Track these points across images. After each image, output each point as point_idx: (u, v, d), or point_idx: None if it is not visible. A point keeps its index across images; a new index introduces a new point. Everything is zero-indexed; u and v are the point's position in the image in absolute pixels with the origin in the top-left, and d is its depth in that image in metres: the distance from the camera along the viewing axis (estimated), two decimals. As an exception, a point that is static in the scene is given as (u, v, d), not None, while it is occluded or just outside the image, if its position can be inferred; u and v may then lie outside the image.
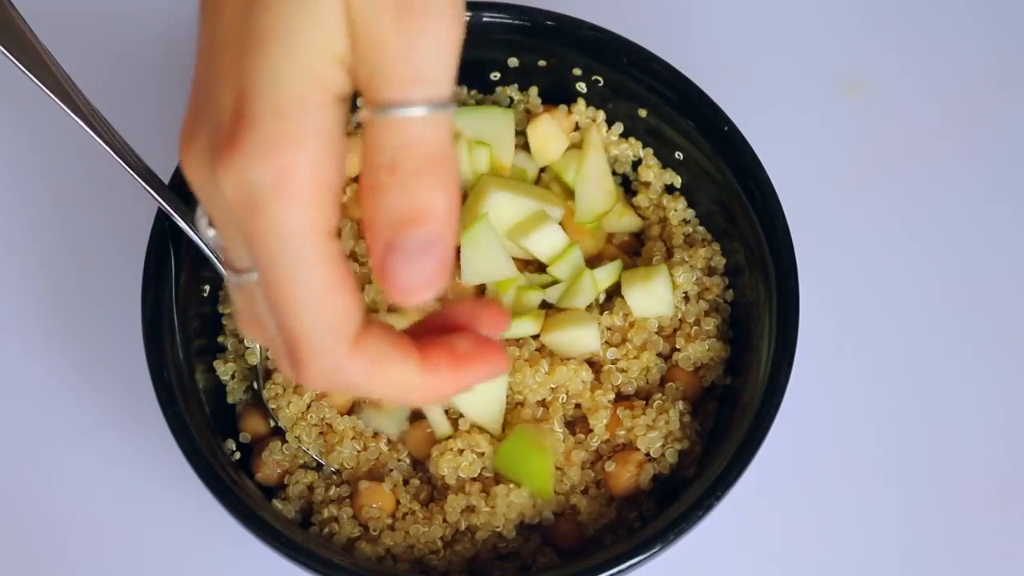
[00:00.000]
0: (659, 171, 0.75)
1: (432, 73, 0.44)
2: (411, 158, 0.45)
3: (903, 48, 0.84)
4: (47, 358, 0.78)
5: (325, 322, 0.46)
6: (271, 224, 0.44)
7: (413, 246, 0.45)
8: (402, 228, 0.45)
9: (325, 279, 0.45)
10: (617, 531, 0.69)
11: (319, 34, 0.44)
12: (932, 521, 0.75)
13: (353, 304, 0.46)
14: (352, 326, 0.47)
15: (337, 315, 0.46)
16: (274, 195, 0.44)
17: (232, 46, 0.45)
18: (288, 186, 0.44)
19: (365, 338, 0.47)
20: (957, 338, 0.78)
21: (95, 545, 0.75)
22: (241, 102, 0.44)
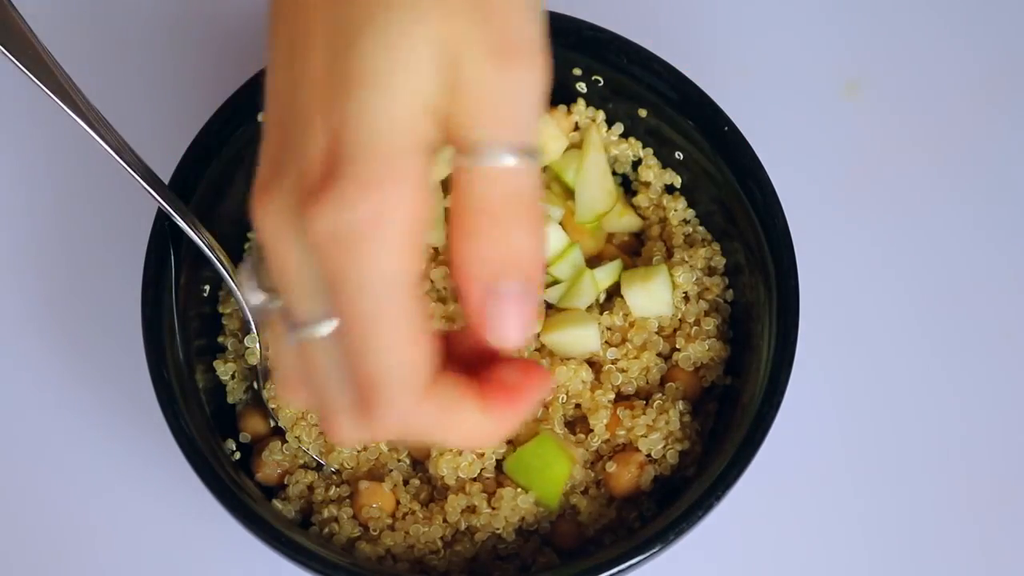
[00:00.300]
0: (659, 171, 0.75)
1: (526, 120, 0.45)
2: (509, 207, 0.45)
3: (903, 48, 0.84)
4: (47, 358, 0.78)
5: (405, 369, 0.46)
6: (365, 263, 0.44)
7: (512, 293, 0.46)
8: (503, 276, 0.46)
9: (410, 325, 0.46)
10: (617, 531, 0.69)
11: (416, 79, 0.44)
12: (932, 520, 0.75)
13: (431, 352, 0.47)
14: (428, 374, 0.47)
15: (416, 363, 0.46)
16: (371, 233, 0.44)
17: (322, 90, 0.45)
18: (385, 226, 0.44)
19: (436, 386, 0.47)
20: (957, 337, 0.78)
21: (95, 546, 0.75)
22: (336, 143, 0.44)
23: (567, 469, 0.68)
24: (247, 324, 0.71)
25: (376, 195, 0.44)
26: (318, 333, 0.47)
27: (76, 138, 0.68)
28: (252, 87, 0.71)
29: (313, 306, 0.47)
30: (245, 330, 0.72)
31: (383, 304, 0.45)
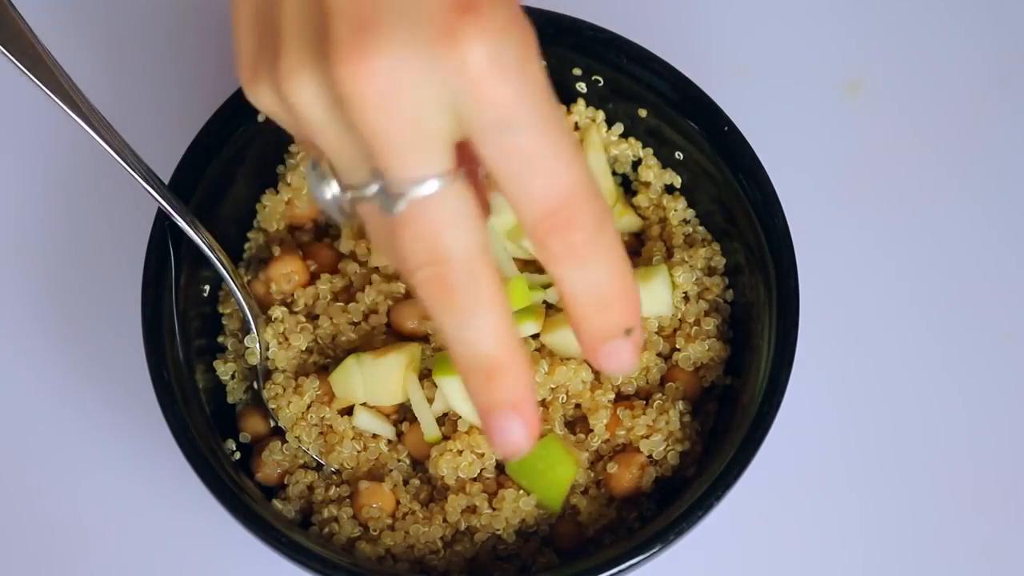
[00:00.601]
0: (659, 171, 0.75)
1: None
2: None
3: (903, 48, 0.84)
4: (47, 358, 0.78)
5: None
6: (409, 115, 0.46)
7: (625, 343, 0.51)
8: (612, 334, 0.51)
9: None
10: (617, 531, 0.69)
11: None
12: (933, 520, 0.75)
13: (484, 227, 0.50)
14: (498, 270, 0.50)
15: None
16: (424, 87, 0.46)
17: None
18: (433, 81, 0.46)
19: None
20: (958, 337, 0.78)
21: (94, 545, 0.75)
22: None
23: (572, 472, 0.68)
24: (247, 324, 0.71)
25: (425, 49, 0.45)
26: (367, 194, 0.49)
27: (76, 138, 0.68)
28: (252, 87, 0.71)
29: (359, 165, 0.49)
30: (245, 330, 0.72)
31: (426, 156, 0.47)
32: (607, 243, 0.49)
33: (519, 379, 0.50)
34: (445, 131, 0.47)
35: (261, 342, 0.71)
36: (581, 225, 0.48)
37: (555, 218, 0.48)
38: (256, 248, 0.75)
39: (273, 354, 0.71)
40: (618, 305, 0.50)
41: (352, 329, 0.72)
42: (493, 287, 0.49)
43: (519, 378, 0.50)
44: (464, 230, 0.48)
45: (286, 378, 0.71)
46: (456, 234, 0.48)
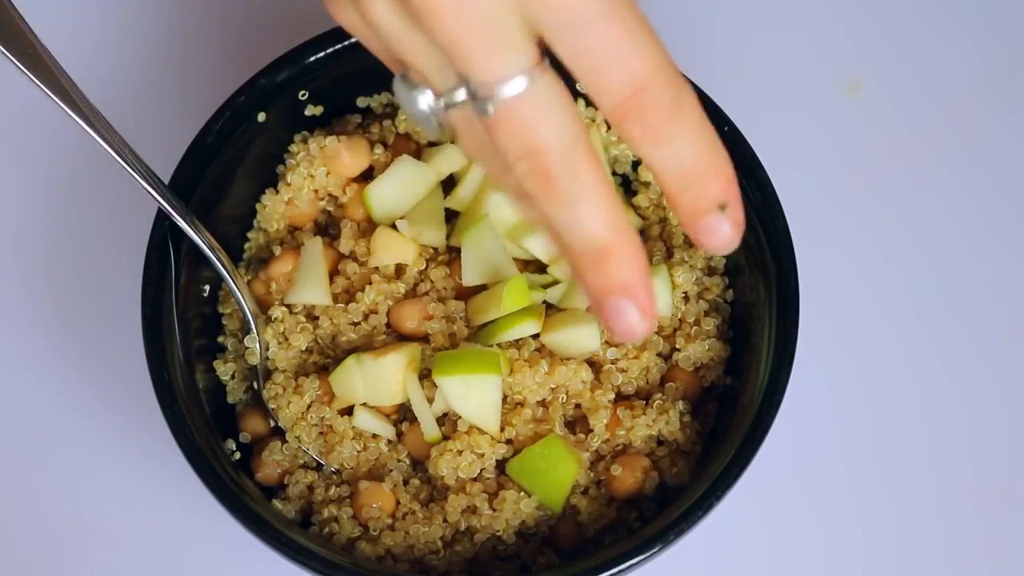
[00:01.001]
0: (659, 171, 0.75)
1: None
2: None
3: (903, 48, 0.84)
4: (47, 358, 0.78)
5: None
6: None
7: (720, 219, 0.51)
8: (710, 208, 0.51)
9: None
10: (617, 531, 0.69)
11: None
12: (932, 520, 0.75)
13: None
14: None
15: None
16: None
17: None
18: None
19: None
20: (957, 337, 0.78)
21: (94, 545, 0.75)
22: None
23: (574, 471, 0.68)
24: (247, 324, 0.71)
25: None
26: (457, 99, 0.50)
27: (76, 138, 0.68)
28: (252, 87, 0.71)
29: (445, 73, 0.50)
30: (245, 330, 0.72)
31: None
32: (688, 119, 0.50)
33: (632, 261, 0.50)
34: (520, 28, 0.48)
35: (261, 342, 0.71)
36: (656, 107, 0.49)
37: (630, 103, 0.49)
38: (256, 248, 0.75)
39: (273, 354, 0.71)
40: (707, 179, 0.50)
41: (352, 329, 0.72)
42: (595, 172, 0.49)
43: (632, 260, 0.50)
44: (558, 119, 0.49)
45: (286, 378, 0.71)
46: (550, 125, 0.49)
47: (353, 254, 0.73)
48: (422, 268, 0.72)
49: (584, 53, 0.48)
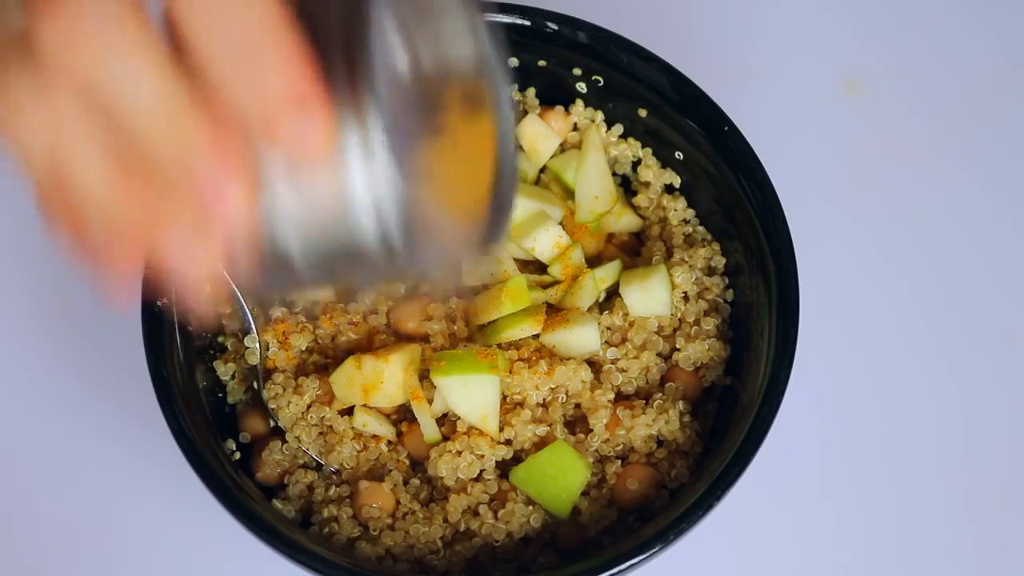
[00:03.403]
0: (659, 171, 0.75)
1: None
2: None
3: (903, 48, 0.84)
4: (47, 358, 0.78)
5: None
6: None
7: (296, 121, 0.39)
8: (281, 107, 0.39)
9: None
10: (617, 532, 0.69)
11: None
12: (932, 520, 0.75)
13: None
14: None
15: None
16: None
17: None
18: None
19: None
20: (957, 337, 0.78)
21: (94, 545, 0.75)
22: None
23: (583, 476, 0.68)
24: (247, 324, 0.71)
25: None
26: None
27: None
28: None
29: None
30: (245, 330, 0.72)
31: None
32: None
33: (205, 129, 0.39)
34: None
35: (261, 342, 0.71)
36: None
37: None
38: (256, 248, 0.75)
39: (273, 354, 0.71)
40: (272, 65, 0.38)
41: (352, 329, 0.72)
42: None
43: (204, 128, 0.39)
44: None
45: (286, 378, 0.71)
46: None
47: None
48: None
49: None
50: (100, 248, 0.41)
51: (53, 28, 0.37)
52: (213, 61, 0.37)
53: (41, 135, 0.39)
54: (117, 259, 0.41)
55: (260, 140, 0.39)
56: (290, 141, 0.38)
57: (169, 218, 0.39)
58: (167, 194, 0.38)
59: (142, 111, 0.38)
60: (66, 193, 0.40)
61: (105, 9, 0.37)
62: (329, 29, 0.40)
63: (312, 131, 0.38)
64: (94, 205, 0.40)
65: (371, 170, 0.40)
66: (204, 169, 0.38)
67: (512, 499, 0.69)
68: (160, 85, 0.37)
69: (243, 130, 0.38)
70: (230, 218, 0.39)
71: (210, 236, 0.39)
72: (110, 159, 0.39)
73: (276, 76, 0.37)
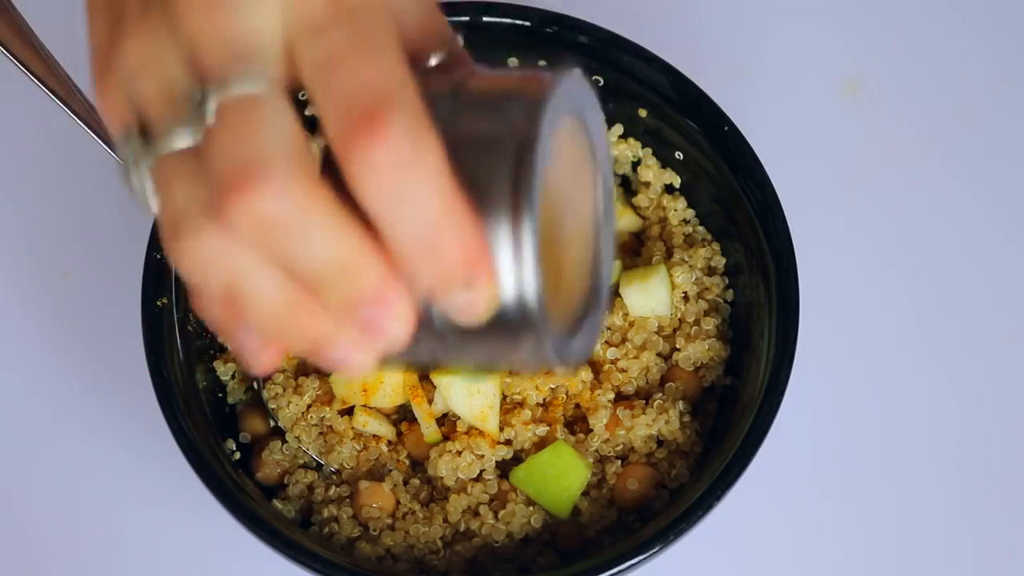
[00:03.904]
0: (659, 171, 0.75)
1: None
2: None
3: (903, 48, 0.84)
4: (47, 358, 0.78)
5: (294, 141, 0.42)
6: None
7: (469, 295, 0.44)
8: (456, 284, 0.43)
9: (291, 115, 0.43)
10: (617, 532, 0.69)
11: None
12: (932, 521, 0.75)
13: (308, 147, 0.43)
14: (314, 160, 0.43)
15: (304, 141, 0.43)
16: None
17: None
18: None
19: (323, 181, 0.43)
20: (957, 337, 0.78)
21: (94, 545, 0.75)
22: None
23: (583, 477, 0.68)
24: (247, 324, 0.71)
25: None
26: (178, 143, 0.43)
27: (76, 138, 0.68)
28: (252, 87, 0.71)
29: (173, 111, 0.43)
30: (245, 330, 0.72)
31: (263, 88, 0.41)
32: (427, 165, 0.41)
33: (374, 273, 0.42)
34: (271, 35, 0.42)
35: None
36: (389, 138, 0.40)
37: (358, 124, 0.40)
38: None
39: (273, 354, 0.71)
40: (446, 247, 0.41)
41: (352, 329, 0.72)
42: (322, 195, 0.41)
43: (374, 272, 0.42)
44: (284, 129, 0.42)
45: (286, 378, 0.71)
46: (277, 130, 0.41)
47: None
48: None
49: (316, 55, 0.41)
50: (256, 345, 0.45)
51: (245, 208, 0.41)
52: (395, 235, 0.41)
53: (218, 251, 0.42)
54: (270, 353, 0.45)
55: (430, 298, 0.43)
56: (458, 305, 0.43)
57: (340, 316, 0.43)
58: (338, 296, 0.42)
59: (321, 265, 0.42)
60: (238, 298, 0.43)
61: (294, 191, 0.41)
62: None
63: (479, 299, 0.43)
64: (261, 324, 0.44)
65: (519, 277, 0.43)
66: (374, 273, 0.42)
67: (512, 499, 0.69)
68: (340, 249, 0.42)
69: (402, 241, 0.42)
70: (396, 308, 0.43)
71: (377, 326, 0.43)
72: (283, 270, 0.42)
73: (451, 253, 0.41)
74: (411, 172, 0.40)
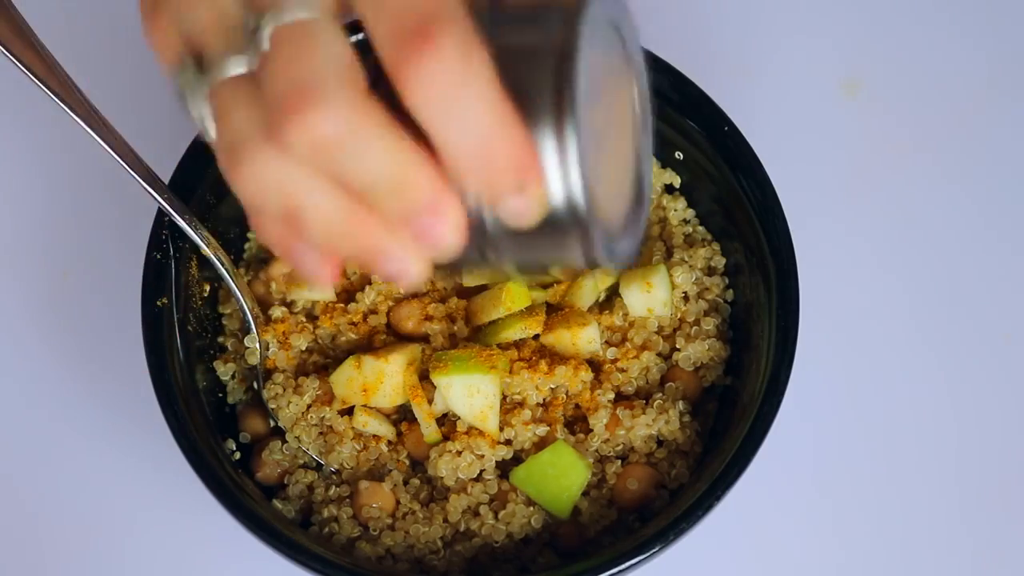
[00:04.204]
0: (659, 171, 0.75)
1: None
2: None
3: (902, 48, 0.84)
4: (47, 358, 0.78)
5: (344, 62, 0.44)
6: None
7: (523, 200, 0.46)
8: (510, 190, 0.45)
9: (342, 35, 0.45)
10: (617, 532, 0.69)
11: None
12: (931, 520, 0.75)
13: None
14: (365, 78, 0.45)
15: (355, 62, 0.45)
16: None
17: None
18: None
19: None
20: (957, 338, 0.78)
21: (95, 545, 0.75)
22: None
23: (583, 477, 0.68)
24: (247, 324, 0.71)
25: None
26: (233, 70, 0.46)
27: (76, 138, 0.68)
28: (252, 87, 0.71)
29: (228, 40, 0.46)
30: (245, 330, 0.72)
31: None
32: (478, 78, 0.43)
33: (426, 184, 0.44)
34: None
35: (261, 342, 0.71)
36: (441, 52, 0.42)
37: (411, 40, 0.42)
38: (256, 248, 0.75)
39: (273, 354, 0.71)
40: (498, 155, 0.44)
41: (352, 329, 0.72)
42: (376, 114, 0.44)
43: (426, 182, 0.44)
44: (337, 51, 0.43)
45: (286, 378, 0.71)
46: (329, 54, 0.43)
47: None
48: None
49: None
50: (315, 260, 0.47)
51: (302, 128, 0.43)
52: (448, 145, 0.43)
53: (276, 173, 0.45)
54: (329, 266, 0.47)
55: (482, 204, 0.45)
56: (511, 209, 0.45)
57: (390, 249, 0.45)
58: (392, 208, 0.44)
59: (375, 178, 0.44)
60: (296, 217, 0.45)
61: (348, 109, 0.43)
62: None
63: (531, 202, 0.45)
64: (323, 225, 0.45)
65: (566, 179, 0.45)
66: (425, 183, 0.44)
67: (512, 499, 0.69)
68: (393, 162, 0.44)
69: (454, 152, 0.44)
70: (448, 216, 0.45)
71: (429, 235, 0.45)
72: (339, 187, 0.44)
73: (503, 160, 0.43)
74: (463, 84, 0.42)
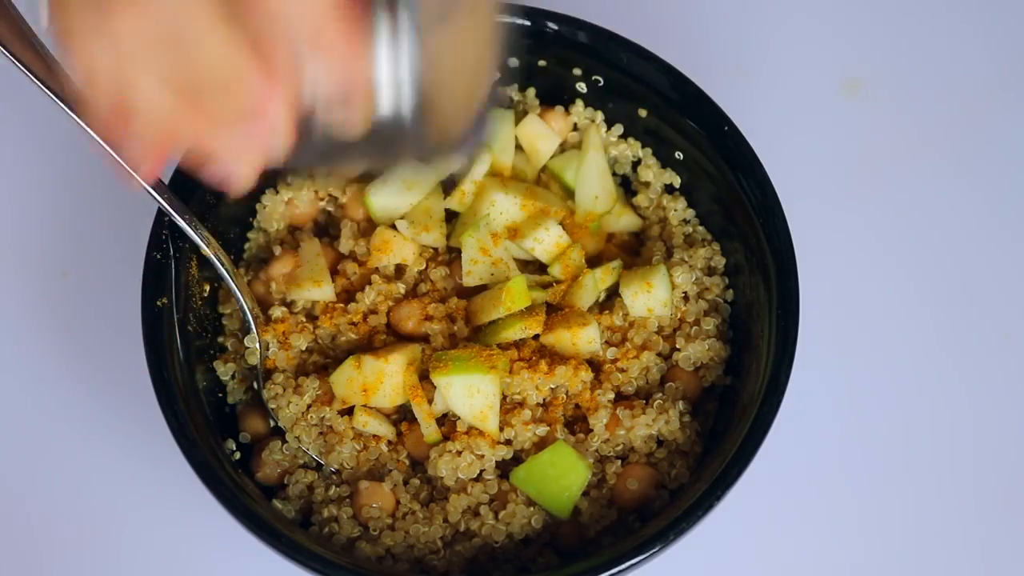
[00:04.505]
0: (659, 171, 0.75)
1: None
2: None
3: (902, 48, 0.84)
4: (47, 358, 0.78)
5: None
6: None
7: None
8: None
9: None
10: (617, 532, 0.69)
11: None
12: (931, 520, 0.75)
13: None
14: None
15: None
16: None
17: None
18: None
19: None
20: (957, 338, 0.78)
21: (94, 544, 0.75)
22: None
23: (583, 477, 0.68)
24: (247, 324, 0.71)
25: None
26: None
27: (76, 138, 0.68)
28: (252, 87, 0.71)
29: None
30: (245, 330, 0.72)
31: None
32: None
33: (255, 85, 0.46)
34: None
35: (261, 342, 0.71)
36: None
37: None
38: (256, 248, 0.75)
39: (273, 354, 0.71)
40: (329, 59, 0.46)
41: (352, 329, 0.72)
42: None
43: (255, 84, 0.46)
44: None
45: (286, 378, 0.71)
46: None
47: (353, 254, 0.73)
48: (422, 268, 0.72)
49: None
50: (139, 152, 0.47)
51: (131, 24, 0.43)
52: (278, 45, 0.44)
53: (106, 63, 0.45)
54: (152, 159, 0.47)
55: (306, 51, 0.44)
56: (334, 51, 0.44)
57: (221, 126, 0.45)
58: (220, 107, 0.45)
59: (204, 75, 0.44)
60: (125, 108, 0.45)
61: (176, 4, 0.43)
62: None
63: (353, 40, 0.44)
64: (150, 118, 0.46)
65: (396, 53, 0.46)
66: (253, 85, 0.44)
67: (512, 500, 0.69)
68: (223, 61, 0.44)
69: (287, 43, 0.44)
70: (275, 120, 0.45)
71: (256, 137, 0.45)
72: (167, 82, 0.44)
73: (332, 67, 0.44)
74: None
